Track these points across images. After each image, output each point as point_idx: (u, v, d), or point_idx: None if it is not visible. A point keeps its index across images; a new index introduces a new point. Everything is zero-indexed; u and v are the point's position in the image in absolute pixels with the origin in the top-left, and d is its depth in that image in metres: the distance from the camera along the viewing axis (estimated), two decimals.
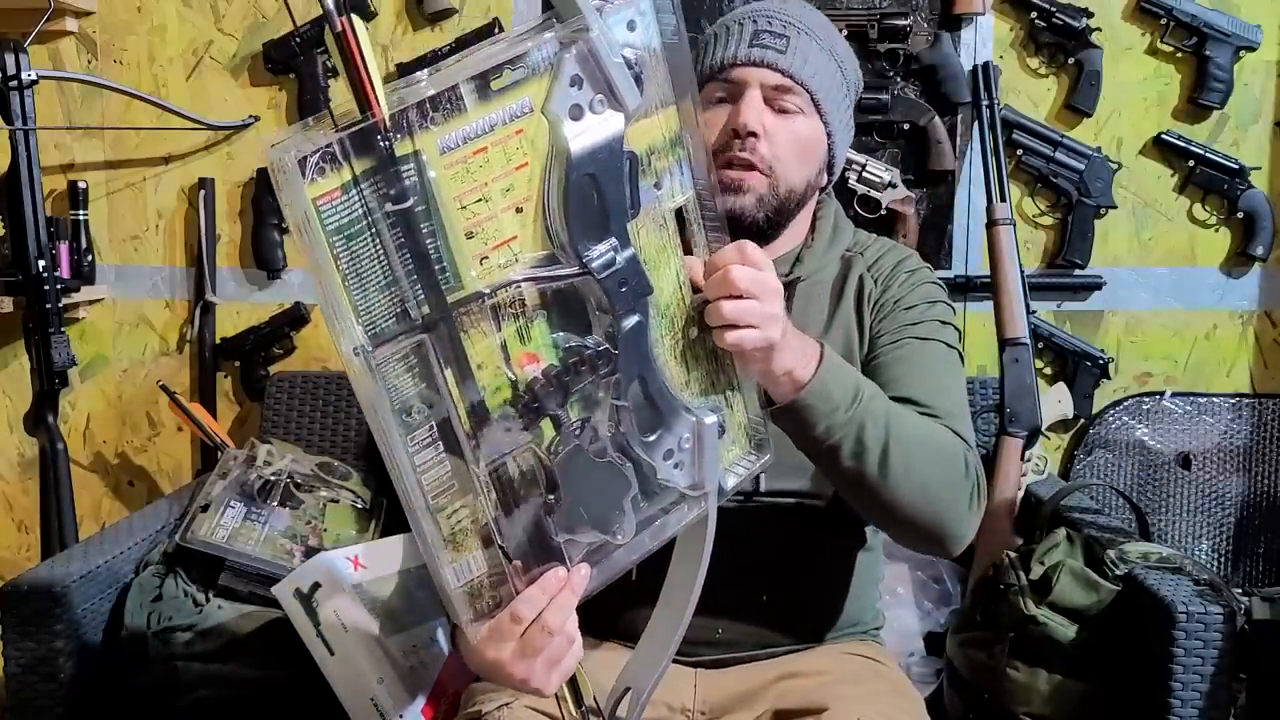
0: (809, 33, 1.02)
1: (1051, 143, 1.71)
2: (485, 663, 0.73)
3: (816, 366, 0.82)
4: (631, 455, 0.71)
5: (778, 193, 1.01)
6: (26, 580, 1.22)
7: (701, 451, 0.74)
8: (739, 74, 1.00)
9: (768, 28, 1.00)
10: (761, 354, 0.77)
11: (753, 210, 1.01)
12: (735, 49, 1.00)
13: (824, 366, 0.83)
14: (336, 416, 1.67)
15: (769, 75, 0.99)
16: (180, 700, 1.27)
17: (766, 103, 1.00)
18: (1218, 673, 1.13)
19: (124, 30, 1.81)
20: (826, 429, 0.84)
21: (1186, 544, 1.70)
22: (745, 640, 1.03)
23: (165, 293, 1.86)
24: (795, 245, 1.09)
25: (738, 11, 1.05)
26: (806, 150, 1.02)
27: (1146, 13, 1.70)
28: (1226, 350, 1.77)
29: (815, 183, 1.05)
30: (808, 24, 1.03)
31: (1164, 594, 1.15)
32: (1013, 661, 1.23)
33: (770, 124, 1.00)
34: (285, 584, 1.24)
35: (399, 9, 1.78)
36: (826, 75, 1.02)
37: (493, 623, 0.71)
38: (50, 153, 1.80)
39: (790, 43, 1.00)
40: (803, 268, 1.06)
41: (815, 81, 1.01)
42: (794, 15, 1.03)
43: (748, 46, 1.00)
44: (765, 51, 0.99)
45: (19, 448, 1.89)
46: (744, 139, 0.98)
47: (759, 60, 0.99)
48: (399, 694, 1.21)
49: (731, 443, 0.79)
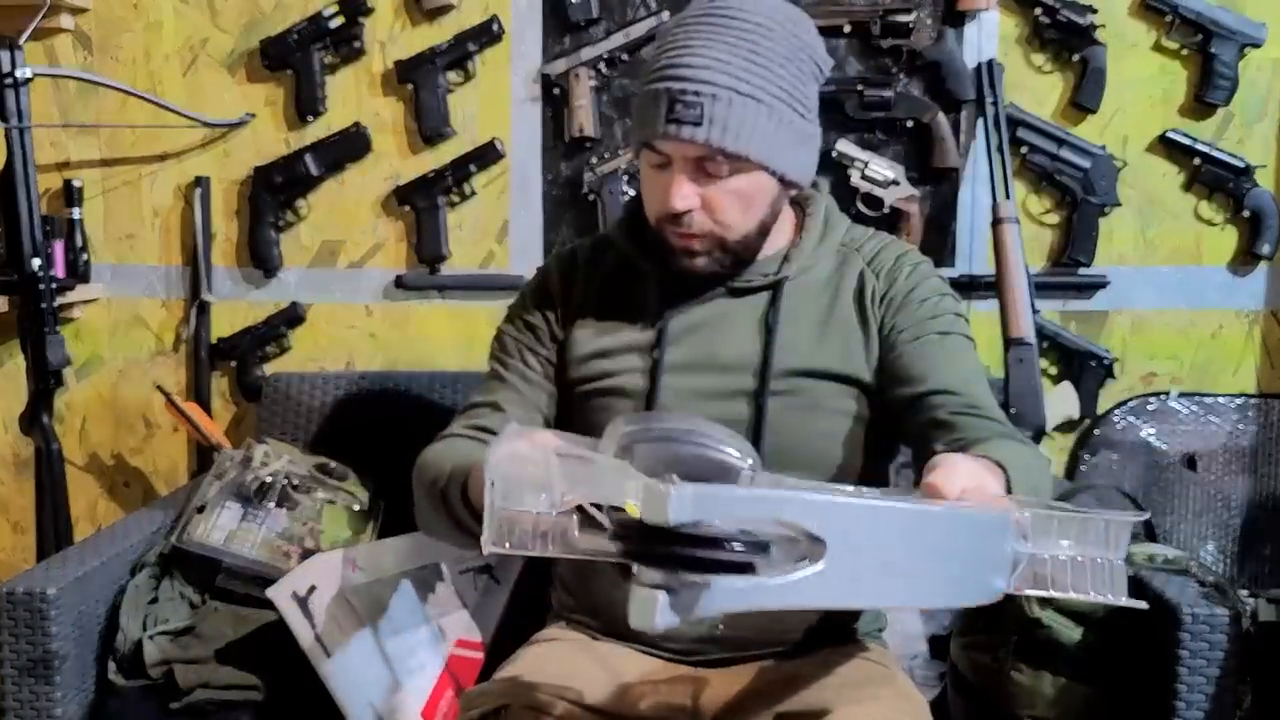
0: (729, 86, 0.95)
1: (1056, 140, 1.70)
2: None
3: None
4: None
5: (728, 246, 1.01)
6: (21, 582, 1.22)
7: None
8: (663, 147, 0.98)
9: (680, 97, 0.94)
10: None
11: (708, 267, 1.02)
12: (655, 124, 0.96)
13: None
14: (334, 417, 1.66)
15: (689, 149, 0.96)
16: (176, 703, 1.27)
17: (698, 168, 0.98)
18: (1223, 675, 1.13)
19: (120, 27, 1.80)
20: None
21: (1192, 545, 1.69)
22: (746, 641, 1.03)
23: (161, 292, 1.85)
24: (783, 245, 1.08)
25: (660, 69, 0.97)
26: (749, 200, 1.00)
27: (1151, 9, 1.69)
28: (1233, 350, 1.76)
29: (776, 207, 1.04)
30: (728, 69, 0.95)
31: (1169, 596, 1.15)
32: (1017, 664, 1.23)
33: (704, 194, 0.98)
34: (282, 586, 1.24)
35: (397, 5, 1.77)
36: (755, 124, 0.96)
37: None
38: (45, 150, 1.79)
39: (705, 110, 0.94)
40: (791, 266, 1.06)
41: (741, 143, 0.96)
42: (711, 66, 0.95)
43: (664, 123, 0.95)
44: (681, 128, 0.94)
45: (13, 448, 1.89)
46: (682, 215, 0.98)
47: (675, 136, 0.95)
48: (397, 697, 1.21)
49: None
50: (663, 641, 1.03)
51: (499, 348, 1.13)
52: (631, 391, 1.04)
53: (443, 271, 1.80)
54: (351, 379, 1.69)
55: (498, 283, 1.79)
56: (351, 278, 1.83)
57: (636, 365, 1.05)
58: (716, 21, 0.97)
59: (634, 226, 1.10)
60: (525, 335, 1.12)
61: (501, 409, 1.07)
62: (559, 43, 1.75)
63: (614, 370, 1.06)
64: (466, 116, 1.78)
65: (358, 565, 1.28)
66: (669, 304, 1.06)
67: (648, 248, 1.08)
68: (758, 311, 1.05)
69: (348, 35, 1.76)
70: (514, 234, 1.80)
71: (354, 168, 1.80)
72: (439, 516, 0.97)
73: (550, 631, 1.12)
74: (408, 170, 1.79)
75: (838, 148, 1.71)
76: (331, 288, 1.83)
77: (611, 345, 1.07)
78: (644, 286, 1.08)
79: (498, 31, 1.74)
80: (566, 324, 1.11)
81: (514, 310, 1.15)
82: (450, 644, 1.29)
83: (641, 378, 1.04)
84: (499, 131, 1.77)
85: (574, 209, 1.78)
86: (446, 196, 1.78)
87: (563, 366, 1.10)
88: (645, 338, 1.06)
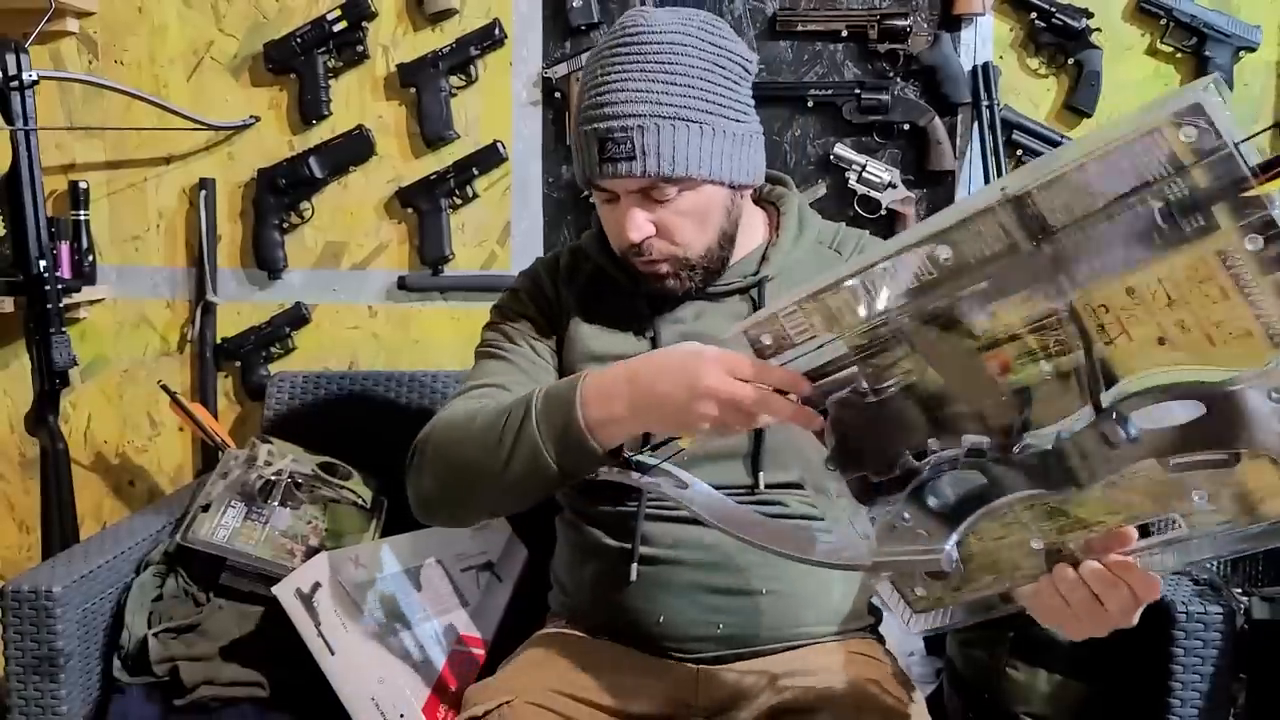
0: (654, 115, 0.96)
1: (1051, 143, 1.71)
2: (689, 362, 0.80)
3: None
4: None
5: (694, 263, 1.03)
6: (27, 580, 1.22)
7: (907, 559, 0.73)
8: (606, 185, 1.00)
9: (609, 135, 0.96)
10: (1097, 630, 0.74)
11: (679, 286, 1.04)
12: (592, 166, 0.98)
13: None
14: (337, 417, 1.66)
15: (629, 183, 0.98)
16: (181, 700, 1.27)
17: (645, 196, 0.99)
18: (1217, 672, 1.13)
19: (125, 30, 1.81)
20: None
21: None
22: (746, 637, 1.03)
23: (166, 293, 1.86)
24: (758, 244, 1.09)
25: (583, 110, 0.99)
26: (703, 216, 1.01)
27: (1146, 13, 1.70)
28: None
29: (735, 213, 1.04)
30: (648, 98, 0.96)
31: (1163, 594, 1.14)
32: (1012, 661, 1.23)
33: (657, 220, 1.00)
34: (286, 584, 1.24)
35: (399, 9, 1.78)
36: (689, 144, 0.97)
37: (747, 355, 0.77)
38: (51, 153, 1.80)
39: (635, 144, 0.95)
40: (770, 266, 1.07)
41: (678, 167, 0.97)
42: (631, 100, 0.96)
43: (598, 165, 0.97)
44: (616, 166, 0.96)
45: (20, 448, 1.90)
46: (640, 244, 1.00)
47: (613, 175, 0.97)
48: (400, 693, 1.22)
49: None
50: (661, 639, 1.03)
51: (498, 336, 1.11)
52: None
53: (445, 273, 1.81)
54: (355, 379, 1.70)
55: (500, 284, 1.78)
56: (355, 279, 1.84)
57: None
58: (630, 49, 0.97)
59: (606, 241, 1.10)
60: (524, 325, 1.11)
61: (507, 389, 1.03)
62: (560, 46, 1.77)
63: None
64: (469, 120, 1.79)
65: (361, 563, 1.29)
66: (657, 311, 1.07)
67: (620, 265, 1.08)
68: (743, 312, 1.06)
69: (351, 39, 1.77)
70: (516, 236, 1.81)
71: (357, 170, 1.81)
72: (505, 449, 0.90)
73: (550, 630, 1.13)
74: (410, 173, 1.80)
75: (835, 151, 1.72)
76: (335, 289, 1.85)
77: (605, 349, 1.07)
78: (630, 295, 1.09)
79: (499, 36, 1.75)
80: (559, 327, 1.11)
81: (507, 305, 1.14)
82: (452, 641, 1.30)
83: None
84: (501, 134, 1.79)
85: (575, 211, 1.80)
86: (449, 199, 1.79)
87: (559, 367, 1.10)
88: (640, 346, 1.06)
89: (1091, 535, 0.68)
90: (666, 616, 1.02)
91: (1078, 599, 0.70)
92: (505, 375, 1.06)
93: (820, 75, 1.74)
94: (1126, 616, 0.71)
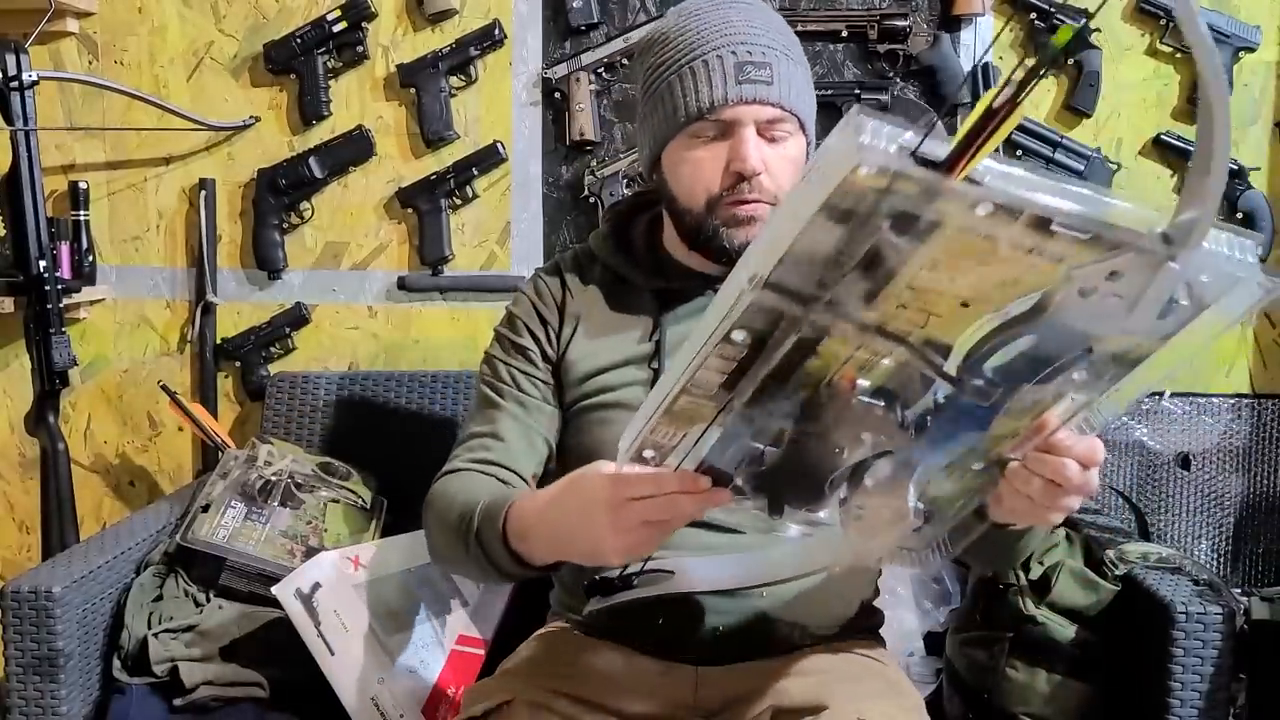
0: (785, 51, 0.99)
1: (1051, 143, 1.71)
2: (586, 499, 0.77)
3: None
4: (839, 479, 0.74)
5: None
6: (27, 581, 1.22)
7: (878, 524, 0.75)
8: (730, 114, 0.97)
9: (749, 58, 0.96)
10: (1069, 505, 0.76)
11: (750, 240, 1.02)
12: (724, 89, 0.96)
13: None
14: (337, 417, 1.67)
15: (762, 111, 0.97)
16: (181, 700, 1.27)
17: (760, 133, 0.99)
18: (1217, 673, 1.13)
19: (124, 31, 1.81)
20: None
21: (1186, 544, 1.70)
22: (745, 638, 1.03)
23: (166, 293, 1.86)
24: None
25: (708, 38, 0.97)
26: (798, 168, 1.02)
27: (1146, 13, 1.70)
28: (1226, 350, 1.77)
29: None
30: (780, 39, 0.99)
31: (1163, 594, 1.15)
32: (1012, 661, 1.23)
33: (768, 157, 0.99)
34: (286, 584, 1.24)
35: (399, 9, 1.78)
36: (806, 90, 1.01)
37: (631, 468, 0.73)
38: (51, 153, 1.80)
39: (774, 70, 0.96)
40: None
41: (800, 103, 0.99)
42: (769, 33, 0.99)
43: (735, 84, 0.96)
44: (755, 88, 0.96)
45: (20, 448, 1.90)
46: (750, 180, 0.98)
47: (750, 98, 0.96)
48: (399, 694, 1.22)
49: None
50: (661, 640, 1.03)
51: (491, 373, 1.10)
52: (634, 405, 1.04)
53: (445, 273, 1.82)
54: (354, 379, 1.70)
55: (499, 284, 1.80)
56: (355, 279, 1.84)
57: (637, 378, 1.05)
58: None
59: (620, 240, 1.10)
60: (516, 359, 1.09)
61: (502, 439, 1.05)
62: (560, 47, 1.77)
63: (614, 385, 1.05)
64: (469, 120, 1.79)
65: (361, 563, 1.29)
66: (663, 314, 1.07)
67: (637, 260, 1.08)
68: None
69: (351, 40, 1.77)
70: (515, 236, 1.81)
71: (357, 170, 1.81)
72: (466, 554, 0.95)
73: (550, 629, 1.13)
74: (410, 173, 1.80)
75: None
76: (335, 289, 1.85)
77: (609, 360, 1.06)
78: (636, 298, 1.08)
79: (499, 36, 1.75)
80: (559, 342, 1.09)
81: (502, 333, 1.13)
82: (451, 641, 1.30)
83: (643, 390, 1.02)
84: (501, 135, 1.79)
85: (575, 211, 1.80)
86: (449, 199, 1.79)
87: (560, 386, 1.09)
88: (643, 350, 1.06)
89: (1017, 439, 0.72)
90: (666, 617, 1.02)
91: (1035, 489, 0.72)
92: (501, 423, 1.06)
93: (820, 75, 1.74)
94: (1088, 485, 0.73)
